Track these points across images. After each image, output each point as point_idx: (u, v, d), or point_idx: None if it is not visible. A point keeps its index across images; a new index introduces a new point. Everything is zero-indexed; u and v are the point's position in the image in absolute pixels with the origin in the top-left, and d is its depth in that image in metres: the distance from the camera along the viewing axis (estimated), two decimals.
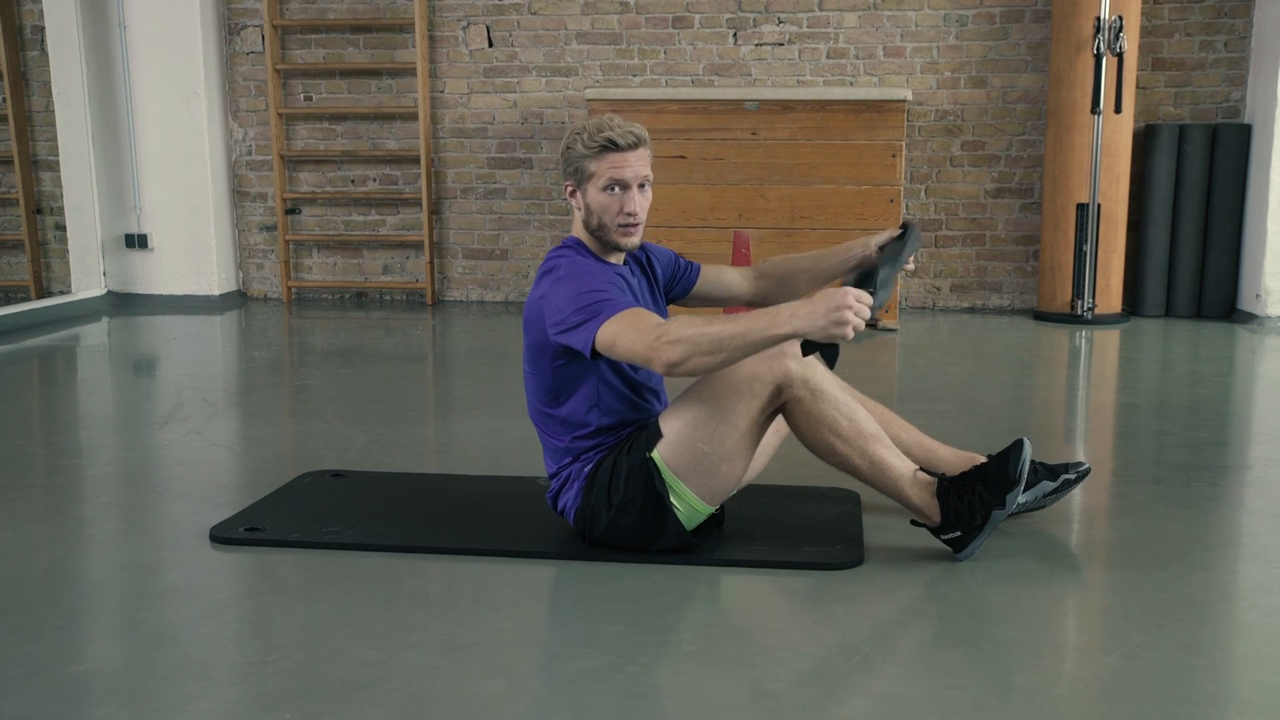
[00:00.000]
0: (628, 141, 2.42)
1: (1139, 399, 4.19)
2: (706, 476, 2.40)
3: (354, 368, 4.83)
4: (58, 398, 4.52)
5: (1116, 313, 5.92)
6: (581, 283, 2.37)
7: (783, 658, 2.02)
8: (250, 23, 6.63)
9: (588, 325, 2.31)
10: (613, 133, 2.42)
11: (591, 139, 2.42)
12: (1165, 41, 6.05)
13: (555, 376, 2.47)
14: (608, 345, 2.29)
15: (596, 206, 2.44)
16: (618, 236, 2.46)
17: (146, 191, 6.57)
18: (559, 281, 2.40)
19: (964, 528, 2.42)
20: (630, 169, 2.42)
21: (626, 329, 2.27)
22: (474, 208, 6.64)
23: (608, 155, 2.42)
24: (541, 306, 2.43)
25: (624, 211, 2.44)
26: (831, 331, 2.16)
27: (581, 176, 2.45)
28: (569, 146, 2.46)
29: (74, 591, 2.35)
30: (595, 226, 2.47)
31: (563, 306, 2.36)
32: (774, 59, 6.28)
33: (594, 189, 2.43)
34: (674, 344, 2.20)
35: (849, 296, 2.16)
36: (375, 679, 1.93)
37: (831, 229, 5.74)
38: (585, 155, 2.43)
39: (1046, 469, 2.63)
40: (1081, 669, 2.00)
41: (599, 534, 2.47)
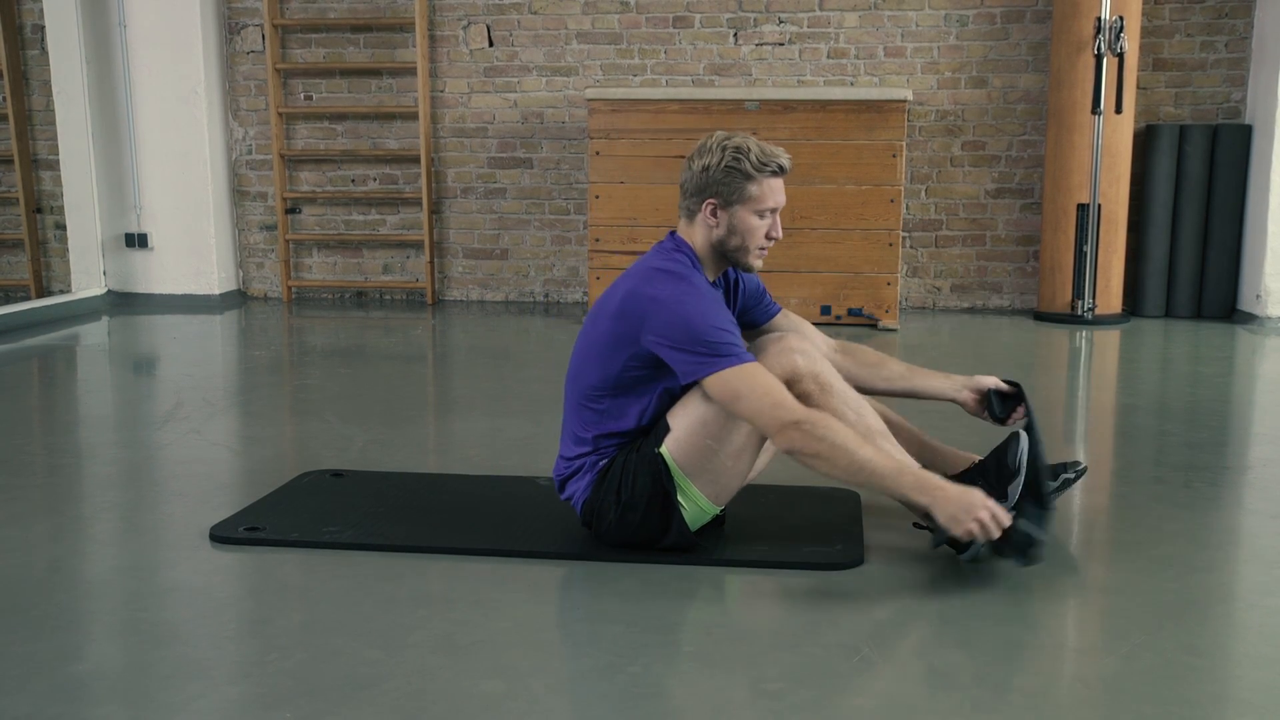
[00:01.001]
0: (790, 166, 2.43)
1: (1139, 399, 4.19)
2: (714, 474, 2.39)
3: (354, 367, 4.83)
4: (57, 397, 4.52)
5: (1117, 313, 5.92)
6: (711, 315, 2.32)
7: (783, 658, 2.02)
8: (250, 22, 6.63)
9: (708, 361, 2.28)
10: (780, 159, 2.41)
11: (762, 162, 2.38)
12: (1166, 42, 6.05)
13: (621, 374, 2.41)
14: (728, 395, 2.27)
15: (743, 228, 2.41)
16: (753, 259, 2.46)
17: (146, 191, 6.57)
18: (684, 300, 2.32)
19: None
20: (783, 195, 2.44)
21: (759, 391, 2.25)
22: (474, 207, 6.64)
23: (774, 180, 2.41)
24: (650, 308, 2.34)
25: (769, 236, 2.44)
26: (958, 526, 2.23)
27: (737, 197, 2.39)
28: (731, 166, 2.38)
29: (74, 591, 2.34)
30: (733, 247, 2.43)
31: (683, 328, 2.30)
32: (774, 59, 6.28)
33: (747, 211, 2.40)
34: (811, 438, 2.21)
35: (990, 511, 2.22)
36: (375, 678, 1.92)
37: (832, 229, 5.74)
38: (750, 177, 2.39)
39: (1046, 468, 2.63)
40: (1082, 669, 2.00)
41: (604, 529, 2.47)
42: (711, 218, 2.43)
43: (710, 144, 2.43)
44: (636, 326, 2.36)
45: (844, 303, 5.79)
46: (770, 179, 2.41)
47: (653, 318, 2.33)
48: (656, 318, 2.33)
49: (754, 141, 2.42)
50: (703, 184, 2.42)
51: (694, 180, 2.44)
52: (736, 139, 2.42)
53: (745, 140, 2.42)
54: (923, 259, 6.36)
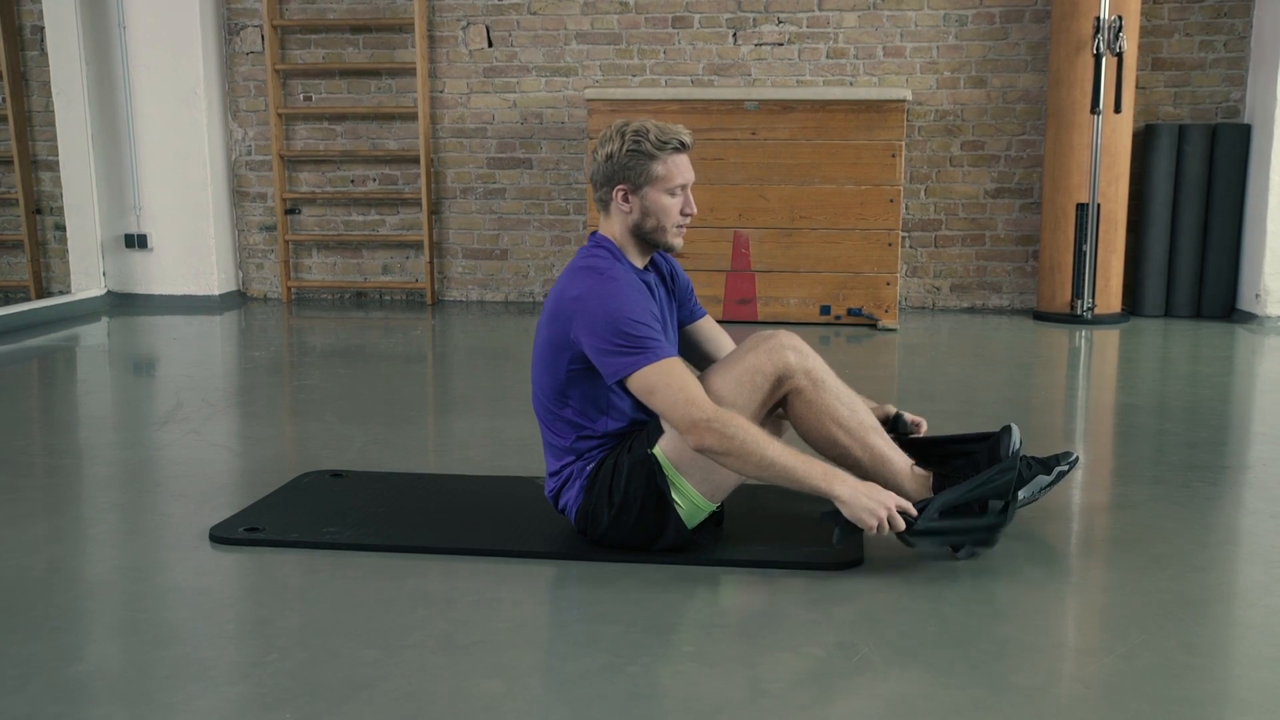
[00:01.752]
0: (692, 142, 2.44)
1: (1138, 399, 4.20)
2: (708, 471, 2.39)
3: (353, 368, 4.83)
4: (57, 398, 4.52)
5: (1116, 313, 5.92)
6: (629, 308, 2.33)
7: (782, 657, 2.02)
8: (250, 23, 6.64)
9: (624, 359, 2.29)
10: (680, 135, 2.41)
11: (661, 140, 2.39)
12: (1165, 41, 6.05)
13: (568, 377, 2.44)
14: (644, 390, 2.29)
15: (657, 208, 2.42)
16: (672, 238, 2.47)
17: (146, 191, 6.57)
18: (604, 295, 2.35)
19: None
20: (691, 170, 2.45)
21: (673, 387, 2.27)
22: (473, 208, 6.64)
23: (677, 157, 2.42)
24: (573, 308, 2.37)
25: (683, 213, 2.45)
26: (859, 515, 2.25)
27: (644, 178, 2.41)
28: (632, 149, 2.39)
29: (73, 591, 2.35)
30: (650, 229, 2.44)
31: (602, 325, 2.32)
32: (774, 59, 6.28)
33: (657, 191, 2.41)
34: (721, 435, 2.23)
35: (894, 505, 2.26)
36: (375, 679, 1.93)
37: (831, 229, 5.74)
38: (653, 157, 2.40)
39: (1040, 463, 2.63)
40: (1081, 669, 2.00)
41: (600, 533, 2.47)
42: (624, 203, 2.44)
43: (610, 132, 2.45)
44: (565, 328, 2.39)
45: (843, 303, 5.79)
46: (673, 155, 2.42)
47: (577, 316, 2.36)
48: (580, 316, 2.36)
49: (652, 123, 2.44)
50: (609, 172, 2.43)
51: (601, 170, 2.45)
52: (635, 123, 2.43)
53: (643, 123, 2.43)
54: (922, 259, 6.36)
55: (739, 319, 5.81)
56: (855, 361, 4.97)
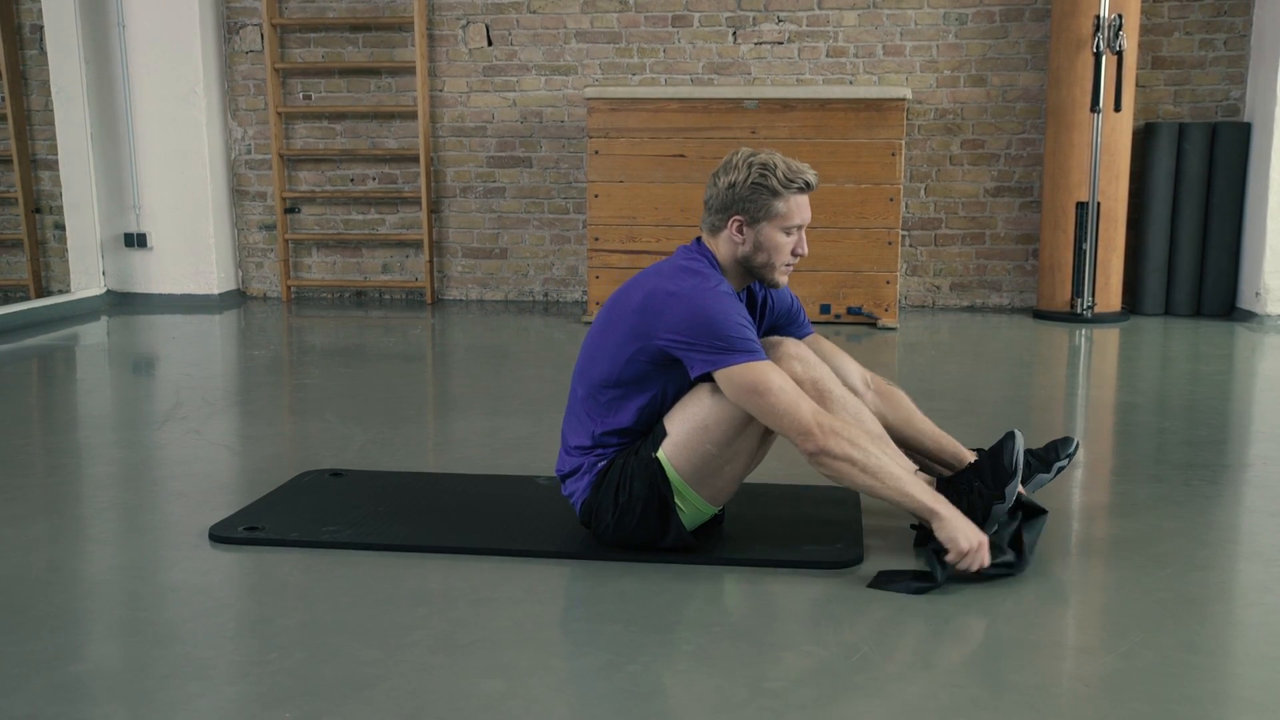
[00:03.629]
0: (817, 183, 2.42)
1: (1139, 397, 4.19)
2: (712, 478, 2.39)
3: (353, 367, 4.83)
4: (57, 397, 4.52)
5: (1116, 311, 5.92)
6: (731, 313, 2.31)
7: (782, 657, 2.02)
8: (249, 22, 6.63)
9: (722, 356, 2.27)
10: (806, 175, 2.40)
11: (789, 179, 2.37)
12: (1165, 40, 6.05)
13: (626, 368, 2.39)
14: (749, 388, 2.26)
15: (770, 244, 2.40)
16: (779, 275, 2.45)
17: (146, 190, 6.56)
18: (704, 294, 2.32)
19: None
20: (809, 211, 2.43)
21: (790, 392, 2.25)
22: (473, 206, 6.64)
23: (801, 197, 2.40)
24: (668, 303, 2.33)
25: (795, 253, 2.43)
26: (955, 537, 2.25)
27: (763, 213, 2.38)
28: (757, 183, 2.36)
29: (73, 591, 2.34)
30: (759, 264, 2.42)
31: (701, 323, 2.29)
32: (773, 57, 6.28)
33: (774, 228, 2.39)
34: (843, 440, 2.23)
35: (985, 552, 2.27)
36: (374, 678, 1.92)
37: (831, 228, 5.74)
38: (776, 194, 2.37)
39: (1039, 459, 2.63)
40: (1081, 668, 2.00)
41: (601, 530, 2.47)
42: (737, 234, 2.41)
43: (736, 160, 2.42)
44: (652, 322, 2.35)
45: (843, 301, 5.79)
46: (796, 195, 2.40)
47: (670, 312, 2.33)
48: (673, 313, 2.32)
49: (780, 158, 2.41)
50: (729, 200, 2.40)
51: (720, 197, 2.42)
52: (763, 155, 2.40)
53: (772, 156, 2.40)
54: (922, 257, 6.36)
55: None
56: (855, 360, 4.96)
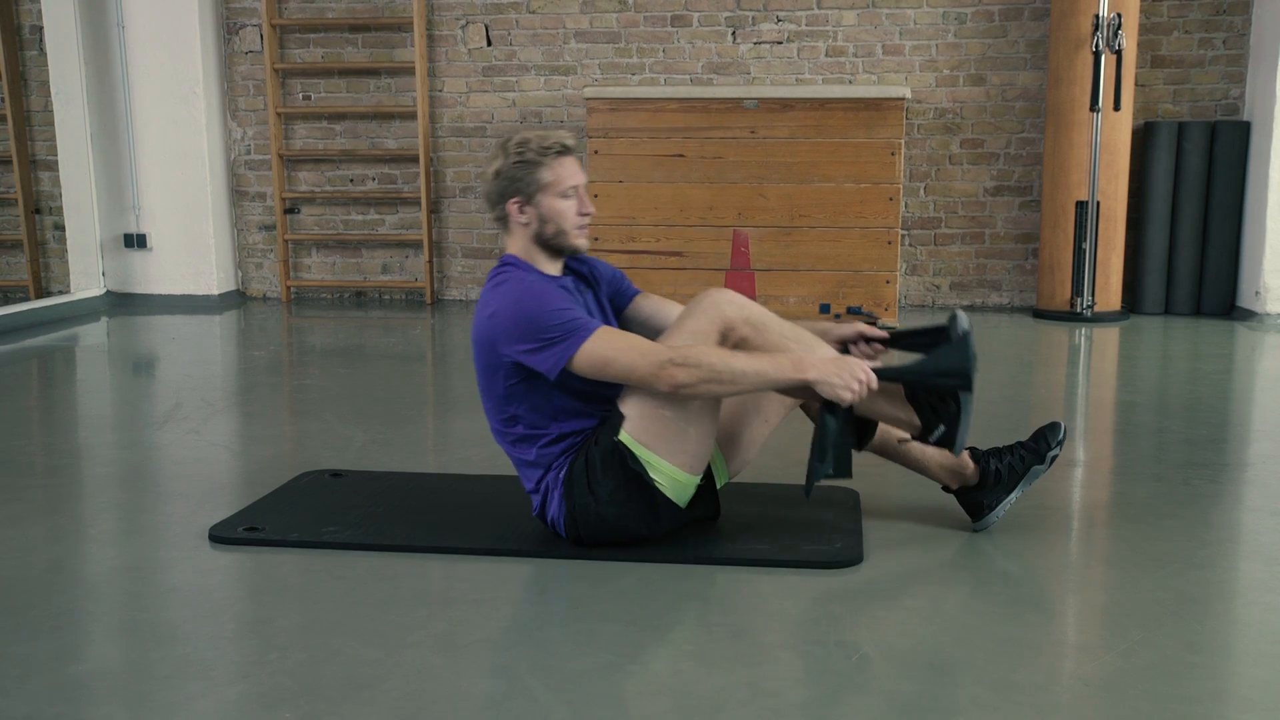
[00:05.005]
0: (575, 144, 2.50)
1: (1138, 396, 4.19)
2: (678, 442, 2.40)
3: (353, 367, 4.83)
4: (57, 398, 4.52)
5: (1116, 310, 5.92)
6: (544, 301, 2.37)
7: (782, 656, 2.02)
8: (249, 22, 6.63)
9: (561, 345, 2.33)
10: (562, 139, 2.47)
11: (545, 147, 2.45)
12: (1164, 39, 6.05)
13: (508, 394, 2.46)
14: (598, 365, 2.32)
15: (553, 213, 2.46)
16: (576, 239, 2.50)
17: (145, 191, 6.56)
18: (514, 300, 2.39)
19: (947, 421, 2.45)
20: (580, 171, 2.51)
21: (622, 349, 2.32)
22: (473, 207, 6.64)
23: (564, 159, 2.47)
24: (493, 325, 2.41)
25: (581, 213, 2.49)
26: (838, 394, 2.31)
27: (535, 187, 2.45)
28: (517, 161, 2.44)
29: (73, 591, 2.34)
30: (551, 234, 2.48)
31: (525, 326, 2.35)
32: (773, 57, 6.28)
33: (550, 196, 2.45)
34: (687, 367, 2.27)
35: (864, 372, 2.32)
36: (374, 678, 1.92)
37: (830, 227, 5.74)
38: (538, 164, 2.45)
39: (1030, 451, 2.61)
40: (1081, 667, 2.00)
41: (593, 532, 2.46)
42: (521, 215, 2.48)
43: (494, 150, 2.51)
44: (492, 349, 2.42)
45: (843, 301, 5.79)
46: (558, 159, 2.47)
47: (499, 332, 2.40)
48: (501, 330, 2.39)
49: (533, 131, 2.50)
50: (501, 188, 2.48)
51: (493, 188, 2.50)
52: (516, 136, 2.49)
53: (524, 133, 2.50)
54: (922, 257, 6.36)
55: None
56: None
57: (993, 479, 2.57)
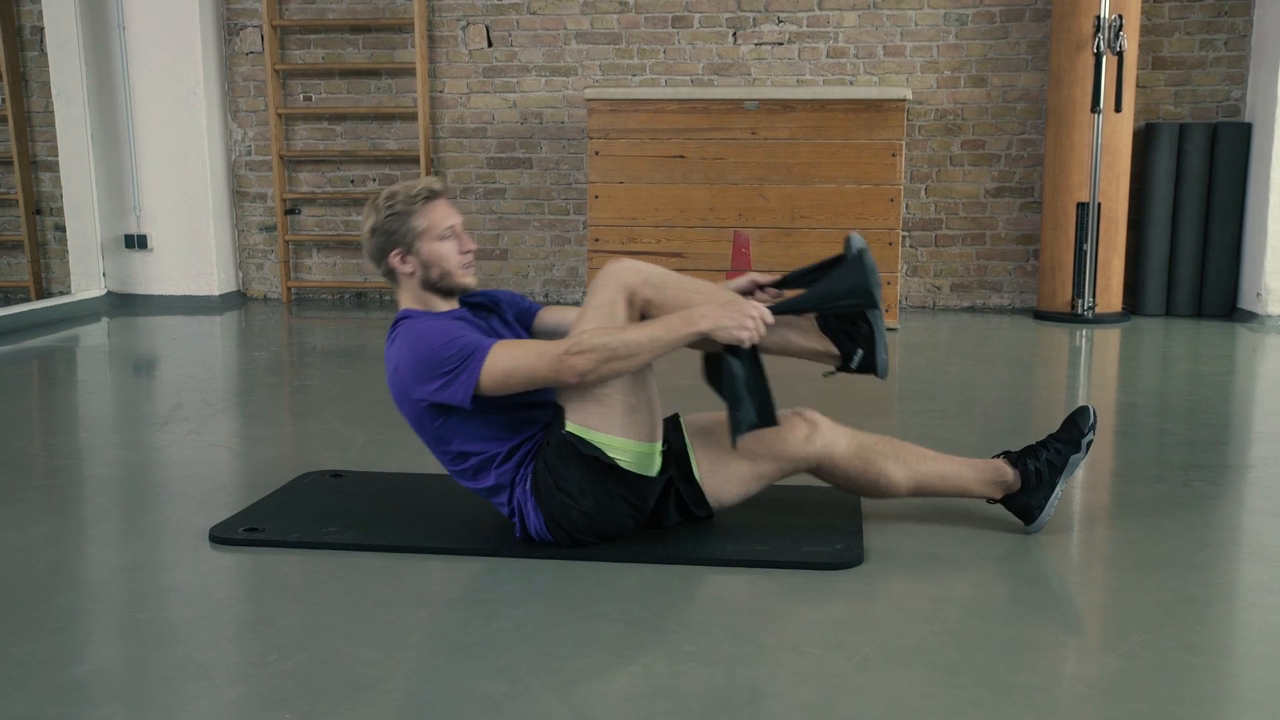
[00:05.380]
0: (445, 187, 2.54)
1: (1139, 398, 4.19)
2: (621, 415, 2.40)
3: (354, 368, 4.83)
4: (57, 398, 4.52)
5: (1117, 312, 5.92)
6: (434, 338, 2.39)
7: (783, 657, 2.02)
8: (249, 23, 6.63)
9: (463, 376, 2.35)
10: (428, 184, 2.51)
11: (412, 196, 2.48)
12: (1165, 40, 6.05)
13: (442, 433, 2.47)
14: (501, 379, 2.34)
15: (435, 257, 2.49)
16: (463, 278, 2.53)
17: (146, 192, 6.57)
18: (409, 348, 2.42)
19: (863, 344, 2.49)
20: (453, 212, 2.53)
21: (520, 357, 2.35)
22: (473, 208, 6.64)
23: (434, 204, 2.50)
24: (400, 378, 2.44)
25: (463, 251, 2.52)
26: (734, 336, 2.32)
27: (411, 235, 2.48)
28: (389, 215, 2.47)
29: (74, 592, 2.34)
30: (437, 278, 2.51)
31: (425, 367, 2.38)
32: (773, 58, 6.28)
33: (428, 241, 2.48)
34: (583, 354, 2.31)
35: (755, 309, 2.33)
36: (375, 679, 1.92)
37: (831, 228, 5.74)
38: (409, 213, 2.48)
39: (1064, 442, 2.61)
40: (1082, 668, 1.99)
41: (580, 529, 2.46)
42: (404, 265, 2.51)
43: (366, 210, 2.54)
44: (407, 399, 2.46)
45: None
46: (427, 204, 2.50)
47: (406, 382, 2.43)
48: (407, 379, 2.42)
49: (400, 184, 2.53)
50: (380, 244, 2.51)
51: (372, 245, 2.53)
52: (384, 191, 2.53)
53: (391, 188, 2.53)
54: (922, 258, 6.36)
55: None
56: None
57: (1034, 479, 2.57)
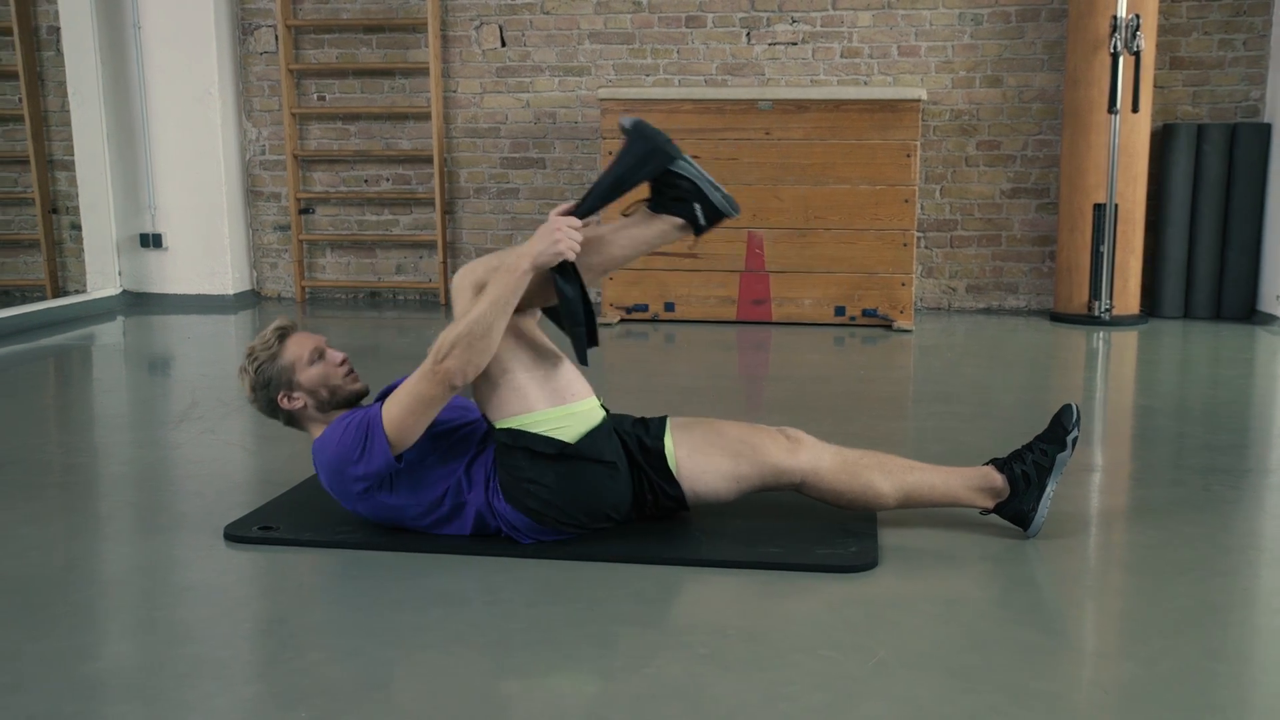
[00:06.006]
0: (290, 323, 2.62)
1: (1157, 401, 4.17)
2: (533, 387, 2.43)
3: (367, 368, 4.80)
4: (73, 397, 4.53)
5: (1134, 314, 5.88)
6: (333, 435, 2.47)
7: (798, 661, 2.00)
8: (264, 23, 6.65)
9: (372, 440, 2.39)
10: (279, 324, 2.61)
11: (267, 343, 2.56)
12: (1183, 40, 6.02)
13: (401, 500, 2.49)
14: (403, 423, 2.38)
15: (316, 380, 2.56)
16: (352, 385, 2.60)
17: (161, 191, 6.58)
18: (323, 457, 2.48)
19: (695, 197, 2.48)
20: (311, 336, 2.60)
21: (404, 394, 2.39)
22: (487, 207, 6.64)
23: (290, 339, 2.58)
24: (332, 484, 2.49)
25: (340, 363, 2.59)
26: (554, 253, 2.36)
27: (286, 374, 2.54)
28: (258, 369, 2.55)
29: (90, 589, 2.35)
30: (328, 396, 2.57)
31: (339, 458, 2.44)
32: (787, 58, 6.26)
33: (303, 371, 2.55)
34: (448, 356, 2.33)
35: (559, 221, 2.38)
36: (390, 678, 1.92)
37: (845, 229, 5.72)
38: (274, 356, 2.55)
39: (1050, 441, 2.59)
40: (1100, 674, 1.98)
41: (568, 514, 2.46)
42: (295, 402, 2.56)
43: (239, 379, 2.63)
44: (349, 495, 2.50)
45: (858, 303, 5.77)
46: (283, 343, 2.58)
47: (336, 484, 2.49)
48: (334, 480, 2.48)
49: (254, 341, 2.61)
50: (267, 397, 2.57)
51: (260, 401, 2.59)
52: (244, 354, 2.60)
53: (248, 346, 2.60)
54: (938, 259, 6.33)
55: (753, 319, 5.79)
56: (870, 363, 4.95)
57: (1022, 483, 2.56)
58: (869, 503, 2.60)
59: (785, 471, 2.55)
